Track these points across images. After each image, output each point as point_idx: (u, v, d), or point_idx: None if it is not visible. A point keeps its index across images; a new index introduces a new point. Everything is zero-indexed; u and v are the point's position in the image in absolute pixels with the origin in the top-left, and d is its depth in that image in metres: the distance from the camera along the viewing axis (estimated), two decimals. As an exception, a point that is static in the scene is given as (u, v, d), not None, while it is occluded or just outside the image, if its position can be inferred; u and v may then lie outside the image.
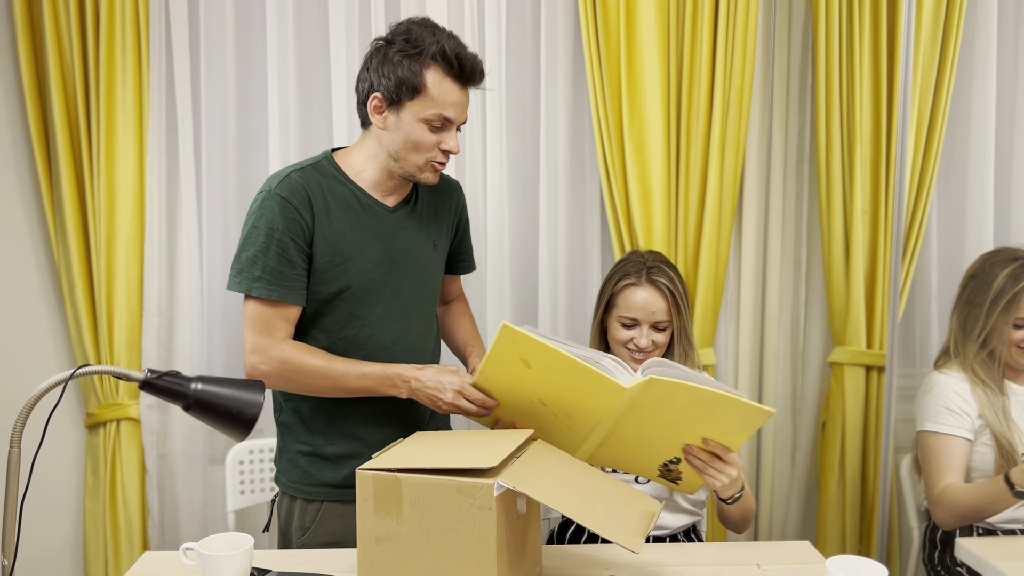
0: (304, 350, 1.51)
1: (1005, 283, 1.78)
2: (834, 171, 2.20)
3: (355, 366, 1.51)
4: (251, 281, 1.47)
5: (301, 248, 1.49)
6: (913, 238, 2.19)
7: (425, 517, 1.21)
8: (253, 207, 1.50)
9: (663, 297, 1.69)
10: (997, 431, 1.76)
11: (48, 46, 2.06)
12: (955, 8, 2.14)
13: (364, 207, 1.55)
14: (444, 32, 1.49)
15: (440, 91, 1.46)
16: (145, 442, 2.22)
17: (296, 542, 1.62)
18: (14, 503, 1.17)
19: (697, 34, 2.13)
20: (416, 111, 1.47)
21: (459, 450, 1.32)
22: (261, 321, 1.49)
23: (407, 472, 1.22)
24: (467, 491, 1.19)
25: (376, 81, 1.48)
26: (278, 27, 2.15)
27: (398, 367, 1.52)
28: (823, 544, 2.27)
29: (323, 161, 1.56)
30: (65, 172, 2.11)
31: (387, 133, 1.51)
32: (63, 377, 1.16)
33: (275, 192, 1.48)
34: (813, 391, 2.37)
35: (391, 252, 1.57)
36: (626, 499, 1.34)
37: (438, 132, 1.50)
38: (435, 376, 1.49)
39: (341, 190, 1.54)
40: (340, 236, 1.52)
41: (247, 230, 1.50)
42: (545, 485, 1.24)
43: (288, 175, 1.51)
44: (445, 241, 1.72)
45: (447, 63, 1.46)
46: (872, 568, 1.26)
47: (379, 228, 1.56)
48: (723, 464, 1.44)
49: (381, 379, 1.51)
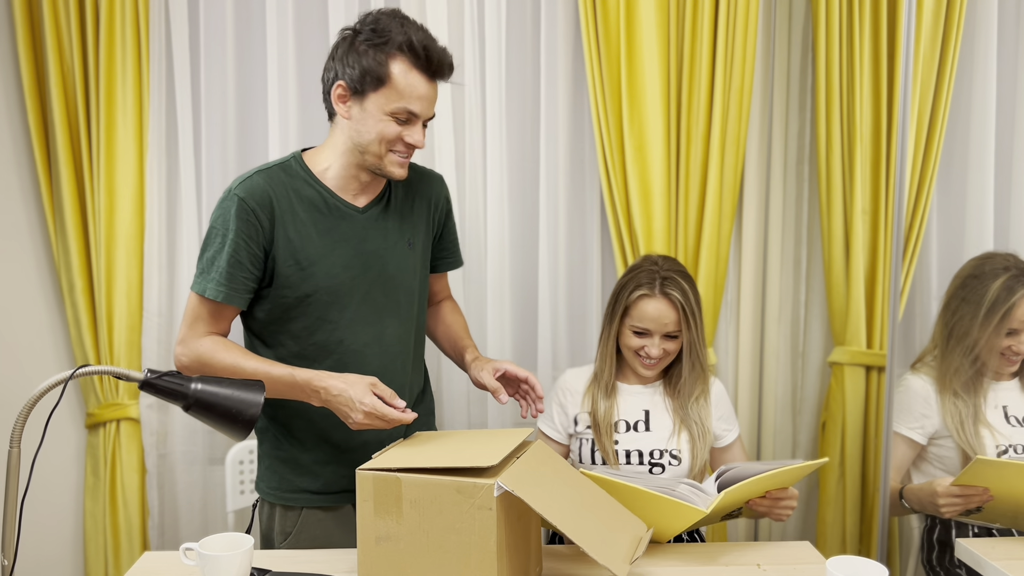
0: (221, 346, 1.46)
1: (999, 295, 1.80)
2: (834, 171, 2.20)
3: (265, 367, 1.44)
4: (208, 282, 1.45)
5: (253, 251, 1.45)
6: (913, 238, 2.19)
7: (425, 517, 1.21)
8: (216, 206, 1.48)
9: (675, 310, 1.72)
10: (957, 441, 1.84)
11: (48, 46, 2.06)
12: (955, 8, 2.14)
13: (331, 208, 1.51)
14: (413, 24, 1.45)
15: (406, 83, 1.42)
16: (145, 442, 2.22)
17: (278, 547, 1.61)
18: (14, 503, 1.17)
19: (697, 34, 2.13)
20: (380, 103, 1.43)
21: (459, 450, 1.32)
22: (193, 314, 1.48)
23: (407, 472, 1.22)
24: (467, 491, 1.18)
25: (340, 70, 1.44)
26: (278, 27, 2.15)
27: (308, 373, 1.42)
28: (823, 544, 2.27)
29: (291, 161, 1.53)
30: (65, 172, 2.11)
31: (351, 123, 1.47)
32: (63, 377, 1.16)
33: (234, 193, 1.45)
34: (813, 391, 2.37)
35: (361, 254, 1.53)
36: (617, 519, 1.34)
37: (403, 125, 1.45)
38: (345, 388, 1.38)
39: (308, 191, 1.50)
40: (306, 239, 1.48)
41: (208, 229, 1.48)
42: (542, 492, 1.23)
43: (251, 176, 1.48)
44: (424, 238, 1.65)
45: (414, 54, 1.42)
46: (872, 568, 1.26)
47: (347, 230, 1.52)
48: (785, 500, 1.54)
49: (289, 384, 1.43)
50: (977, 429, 1.83)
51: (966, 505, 1.67)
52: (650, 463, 1.75)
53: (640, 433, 1.78)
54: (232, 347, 1.47)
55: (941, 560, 1.87)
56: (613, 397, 1.80)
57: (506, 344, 2.26)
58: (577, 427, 1.82)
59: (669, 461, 1.75)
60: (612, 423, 1.77)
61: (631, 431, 1.78)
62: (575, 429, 1.82)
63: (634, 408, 1.81)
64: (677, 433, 1.77)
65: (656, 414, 1.80)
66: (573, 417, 1.83)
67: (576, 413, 1.83)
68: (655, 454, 1.75)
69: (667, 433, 1.78)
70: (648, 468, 1.75)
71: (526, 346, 2.31)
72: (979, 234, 2.27)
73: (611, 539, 1.26)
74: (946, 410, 1.86)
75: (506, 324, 2.26)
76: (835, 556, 1.28)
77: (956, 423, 1.84)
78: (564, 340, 2.29)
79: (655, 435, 1.78)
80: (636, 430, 1.78)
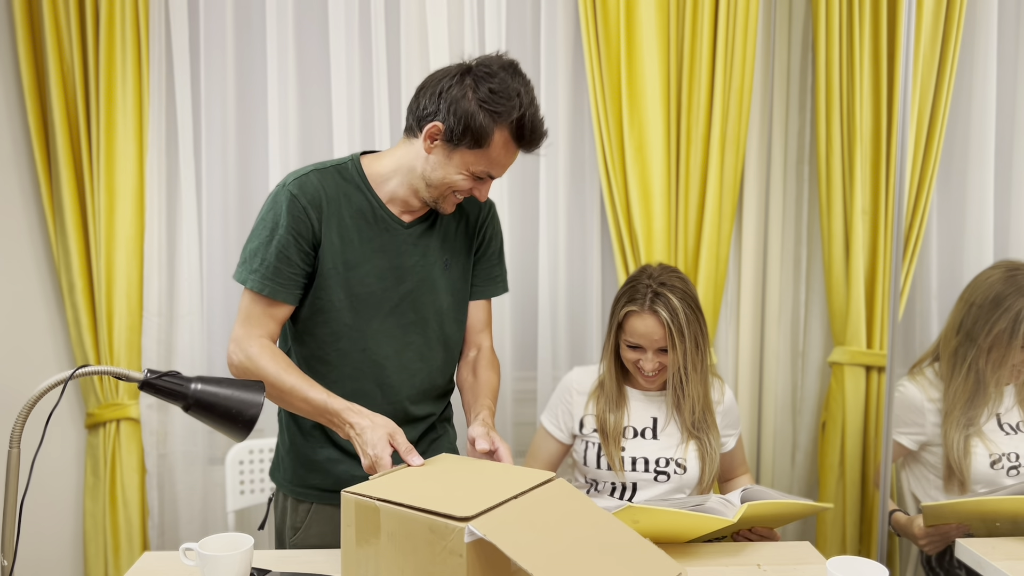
0: (269, 353, 1.45)
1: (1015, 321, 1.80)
2: (834, 171, 2.20)
3: (304, 386, 1.42)
4: (249, 272, 1.45)
5: (302, 248, 1.45)
6: (913, 238, 2.19)
7: (400, 552, 1.11)
8: (267, 199, 1.48)
9: (662, 327, 1.69)
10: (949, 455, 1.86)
11: (48, 46, 2.06)
12: (955, 8, 2.14)
13: (377, 219, 1.51)
14: (528, 90, 1.43)
15: (502, 153, 1.44)
16: (145, 442, 2.22)
17: (288, 542, 1.61)
18: (14, 503, 1.17)
19: (697, 34, 2.13)
20: (468, 160, 1.43)
21: (454, 487, 1.20)
22: (245, 312, 1.47)
23: (386, 502, 1.12)
24: (439, 531, 1.07)
25: (443, 113, 1.41)
26: (278, 27, 2.15)
27: (340, 404, 1.39)
28: (823, 544, 2.27)
29: (348, 164, 1.52)
30: (65, 172, 2.11)
31: (429, 159, 1.46)
32: (63, 377, 1.15)
33: (287, 187, 1.45)
34: (813, 391, 2.37)
35: (396, 268, 1.53)
36: (639, 564, 1.13)
37: (476, 181, 1.47)
38: (365, 429, 1.35)
39: (358, 198, 1.50)
40: (347, 244, 1.49)
41: (256, 221, 1.48)
42: (529, 537, 1.07)
43: (307, 173, 1.48)
44: (464, 261, 1.63)
45: (520, 132, 1.42)
46: (872, 568, 1.26)
47: (387, 243, 1.52)
48: (769, 539, 1.63)
49: (322, 411, 1.41)
50: (967, 447, 1.83)
51: (946, 541, 1.75)
52: (655, 471, 1.74)
53: (647, 440, 1.77)
54: (279, 358, 1.46)
55: (941, 560, 1.87)
56: (623, 408, 1.79)
57: (506, 344, 2.26)
58: (583, 430, 1.81)
59: (675, 470, 1.74)
60: (620, 431, 1.77)
61: (638, 437, 1.77)
62: (581, 432, 1.82)
63: (642, 415, 1.80)
64: (685, 442, 1.77)
65: (664, 422, 1.79)
66: (579, 419, 1.82)
67: (582, 416, 1.82)
68: (661, 462, 1.75)
69: (675, 441, 1.77)
70: (653, 476, 1.74)
71: (526, 346, 2.31)
72: (979, 234, 2.27)
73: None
74: (946, 419, 1.87)
75: (506, 324, 2.25)
76: (835, 556, 1.28)
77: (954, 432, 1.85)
78: (564, 340, 2.29)
79: (662, 443, 1.77)
80: (643, 437, 1.77)
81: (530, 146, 1.46)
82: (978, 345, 1.85)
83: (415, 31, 2.17)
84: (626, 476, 1.74)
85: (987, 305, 1.85)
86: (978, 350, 1.85)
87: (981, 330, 1.85)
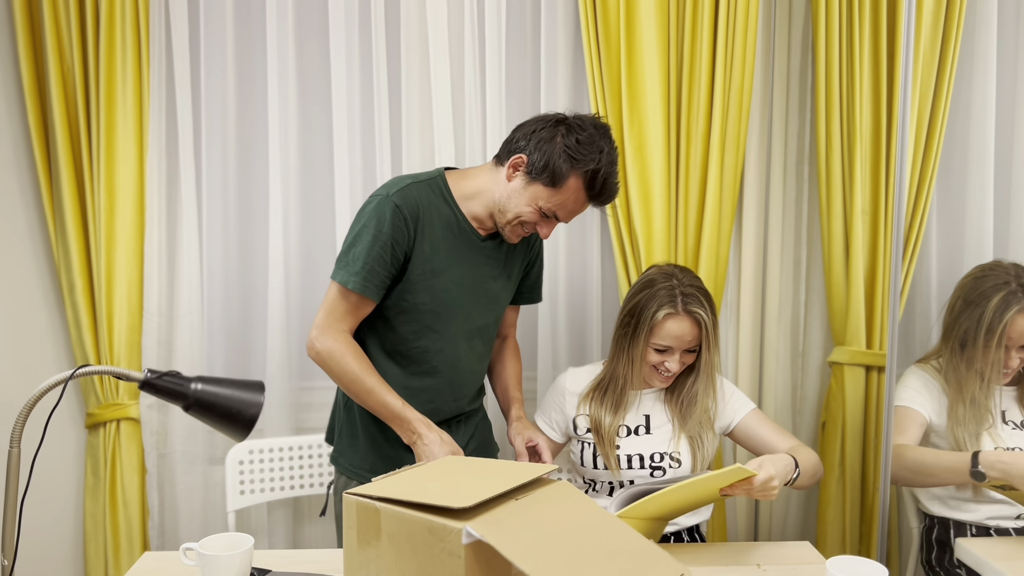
0: (352, 350, 1.59)
1: (994, 314, 1.80)
2: (834, 171, 2.20)
3: (382, 392, 1.58)
4: (350, 274, 1.57)
5: (397, 255, 1.58)
6: (913, 238, 2.19)
7: (400, 555, 1.10)
8: (368, 207, 1.59)
9: (698, 328, 1.71)
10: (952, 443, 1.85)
11: (48, 46, 2.06)
12: (955, 8, 2.14)
13: (461, 231, 1.65)
14: (611, 152, 1.58)
15: (572, 197, 1.58)
16: (145, 442, 2.22)
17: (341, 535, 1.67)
18: (14, 503, 1.17)
19: (697, 34, 2.13)
20: (541, 196, 1.57)
21: (455, 482, 1.19)
22: (331, 304, 1.60)
23: (386, 502, 1.11)
24: (438, 532, 1.06)
25: (531, 148, 1.57)
26: (278, 27, 2.15)
27: (413, 415, 1.59)
28: (823, 544, 2.27)
29: (436, 179, 1.65)
30: (65, 172, 2.11)
31: (508, 187, 1.60)
32: (63, 377, 1.16)
33: (391, 198, 1.57)
34: (813, 391, 2.37)
35: (473, 277, 1.67)
36: (640, 566, 1.09)
37: (542, 219, 1.60)
38: (430, 444, 1.56)
39: (445, 210, 1.63)
40: (435, 252, 1.62)
41: (358, 228, 1.58)
42: (529, 537, 1.06)
43: (407, 185, 1.60)
44: (517, 273, 1.81)
45: (593, 184, 1.57)
46: (872, 568, 1.26)
47: (468, 252, 1.66)
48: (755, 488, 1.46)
49: (395, 416, 1.59)
50: (978, 445, 1.83)
51: None
52: (651, 466, 1.75)
53: (641, 437, 1.78)
54: (362, 358, 1.60)
55: (941, 560, 1.87)
56: (622, 410, 1.79)
57: (506, 344, 2.26)
58: (577, 431, 1.82)
59: (670, 464, 1.75)
60: (615, 430, 1.77)
61: (632, 435, 1.78)
62: (575, 432, 1.82)
63: (635, 413, 1.81)
64: (677, 436, 1.77)
65: (656, 417, 1.80)
66: (572, 420, 1.83)
67: (575, 416, 1.83)
68: (655, 457, 1.75)
69: (668, 436, 1.78)
70: (649, 472, 1.75)
71: (526, 346, 2.31)
72: (979, 234, 2.27)
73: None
74: (951, 410, 1.87)
75: (506, 324, 2.26)
76: (835, 556, 1.28)
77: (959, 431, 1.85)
78: (564, 340, 2.29)
79: (656, 438, 1.77)
80: (637, 434, 1.78)
81: (599, 200, 1.61)
82: (951, 347, 1.89)
83: (415, 31, 2.17)
84: (622, 474, 1.75)
85: (958, 306, 1.89)
86: (954, 352, 1.88)
87: (958, 331, 1.88)
